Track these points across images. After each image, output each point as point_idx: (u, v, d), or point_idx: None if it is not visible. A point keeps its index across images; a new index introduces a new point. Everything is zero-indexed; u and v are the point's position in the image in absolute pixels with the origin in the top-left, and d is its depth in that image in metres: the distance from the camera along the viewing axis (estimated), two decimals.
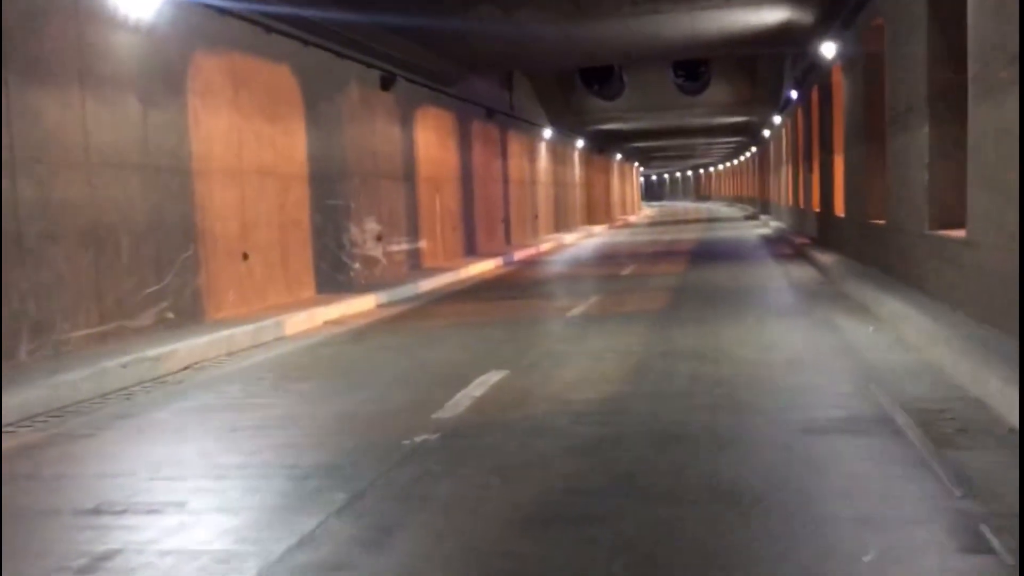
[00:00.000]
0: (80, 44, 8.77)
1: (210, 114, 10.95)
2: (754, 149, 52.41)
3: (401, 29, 14.81)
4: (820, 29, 15.21)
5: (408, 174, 17.90)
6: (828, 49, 15.07)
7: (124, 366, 7.90)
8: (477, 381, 7.17)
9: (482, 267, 19.63)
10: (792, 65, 25.04)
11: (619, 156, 55.21)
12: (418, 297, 14.60)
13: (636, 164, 70.69)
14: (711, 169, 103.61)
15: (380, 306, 13.53)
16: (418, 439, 5.46)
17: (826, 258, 15.60)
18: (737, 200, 75.26)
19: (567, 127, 34.26)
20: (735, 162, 76.99)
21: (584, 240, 31.46)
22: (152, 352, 8.45)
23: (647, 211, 67.65)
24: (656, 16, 15.02)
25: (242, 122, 11.68)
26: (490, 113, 23.97)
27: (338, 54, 14.48)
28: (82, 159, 8.73)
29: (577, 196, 39.61)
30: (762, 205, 46.97)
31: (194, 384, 7.86)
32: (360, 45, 15.04)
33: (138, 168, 9.57)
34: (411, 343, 9.75)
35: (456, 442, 5.43)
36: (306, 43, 13.31)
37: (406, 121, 17.82)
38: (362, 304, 13.17)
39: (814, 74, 19.14)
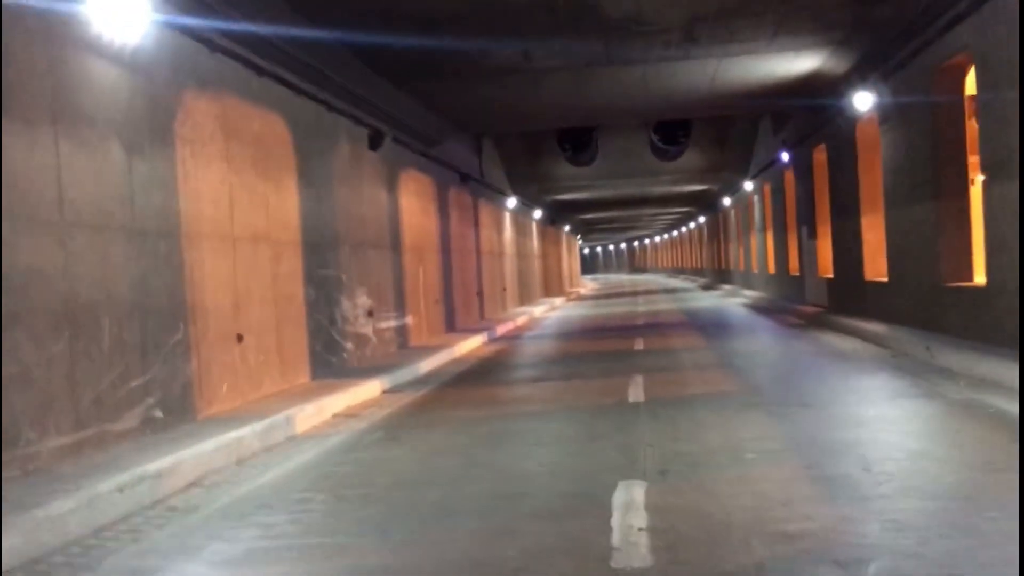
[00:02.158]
0: (53, 73, 6.86)
1: (200, 166, 9.05)
2: (702, 219, 51.88)
3: (396, 72, 13.15)
4: (854, 78, 14.03)
5: (395, 243, 16.08)
6: (862, 101, 13.85)
7: (120, 489, 5.85)
8: (619, 501, 5.33)
9: (471, 344, 17.80)
10: (775, 128, 24.14)
11: (567, 228, 54.19)
12: (424, 381, 12.67)
13: (577, 236, 69.91)
14: (646, 241, 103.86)
15: (386, 392, 11.59)
16: None
17: (866, 326, 14.18)
18: (677, 271, 74.95)
19: (529, 196, 32.90)
20: (674, 233, 76.95)
21: (553, 313, 29.83)
22: (150, 466, 6.40)
23: (590, 284, 66.49)
24: (684, 63, 13.72)
25: (234, 177, 9.79)
26: (464, 179, 22.39)
27: (328, 106, 12.74)
28: (55, 217, 6.75)
29: (536, 268, 38.13)
30: (716, 275, 46.16)
31: (218, 511, 5.83)
32: (350, 95, 13.32)
33: (122, 230, 7.60)
34: (464, 443, 7.84)
35: None
36: (297, 91, 11.55)
37: (392, 185, 16.07)
38: (367, 391, 11.21)
39: (822, 132, 18.03)
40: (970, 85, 11.12)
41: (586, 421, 8.46)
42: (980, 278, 10.87)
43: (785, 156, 21.58)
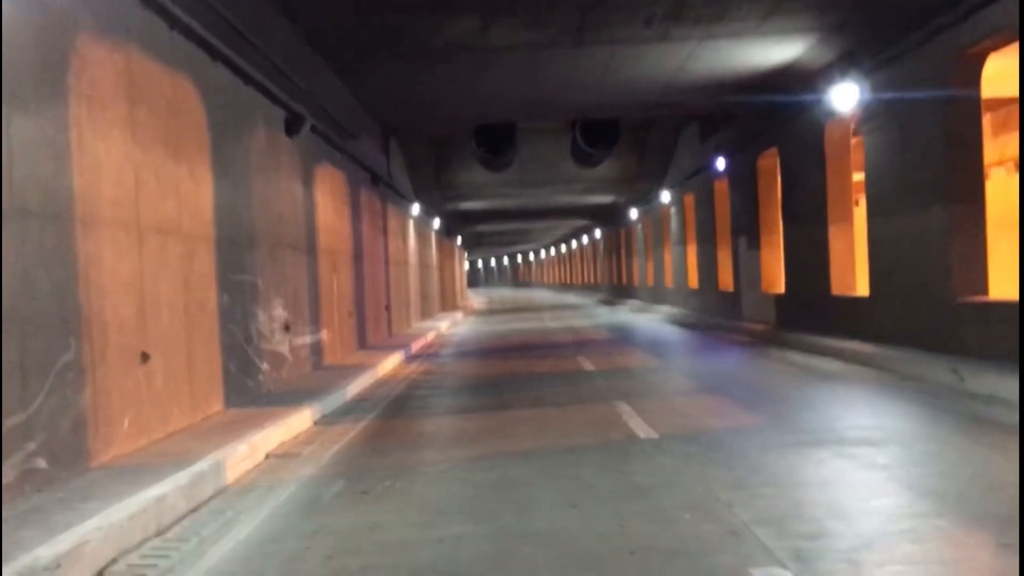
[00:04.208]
0: None
1: (100, 133, 6.88)
2: (598, 233, 51.00)
3: (328, 39, 11.15)
4: (832, 72, 12.80)
5: (310, 246, 13.96)
6: (843, 96, 12.63)
7: None
8: None
9: (390, 363, 15.81)
10: (703, 135, 23.05)
11: (460, 240, 52.41)
12: (356, 409, 10.67)
13: (464, 249, 68.17)
14: (531, 256, 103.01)
15: (319, 424, 9.56)
16: None
17: (840, 345, 12.95)
18: (565, 287, 74.10)
19: (431, 203, 31.00)
20: (563, 248, 76.13)
21: (459, 328, 27.95)
22: (41, 552, 4.30)
23: (479, 299, 64.71)
24: (657, 46, 12.19)
25: (140, 153, 7.63)
26: (375, 180, 20.36)
27: (246, 77, 10.64)
28: None
29: (435, 281, 36.18)
30: (614, 291, 45.23)
31: None
32: (271, 67, 11.23)
33: None
34: (464, 496, 5.96)
35: None
36: (214, 53, 9.45)
37: (307, 179, 13.96)
38: (297, 423, 9.15)
39: (772, 136, 16.88)
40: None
41: (608, 465, 6.69)
42: (1004, 291, 9.68)
43: (720, 163, 20.42)
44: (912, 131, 11.24)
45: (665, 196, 27.91)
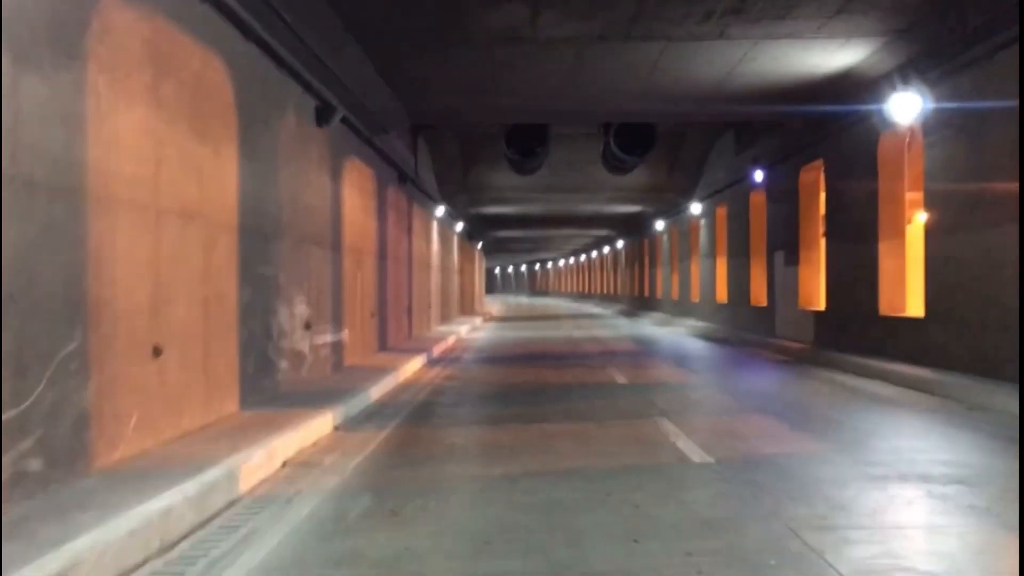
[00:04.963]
0: None
1: (120, 104, 6.28)
2: (621, 244, 50.26)
3: (368, 35, 10.56)
4: (893, 80, 12.08)
5: (336, 242, 13.35)
6: (904, 106, 11.91)
7: None
8: None
9: (412, 367, 15.17)
10: (739, 146, 22.35)
11: (480, 244, 51.78)
12: (379, 414, 10.04)
13: (483, 254, 67.53)
14: (548, 265, 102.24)
15: (339, 430, 8.94)
16: None
17: (891, 367, 12.21)
18: (583, 297, 73.31)
19: (456, 206, 30.39)
20: (582, 258, 75.34)
21: (479, 334, 27.28)
22: (27, 573, 3.67)
23: (496, 305, 64.02)
24: (711, 44, 11.52)
25: (163, 128, 7.03)
26: (402, 178, 19.78)
27: (279, 61, 10.06)
28: None
29: (455, 285, 35.56)
30: (635, 302, 44.47)
31: None
32: (305, 52, 10.64)
33: None
34: (509, 521, 5.30)
35: None
36: (246, 31, 8.86)
37: (336, 173, 13.36)
38: (317, 427, 8.52)
39: (819, 148, 16.16)
40: None
41: (664, 492, 6.00)
42: None
43: (759, 175, 19.70)
44: (982, 144, 10.52)
45: (695, 207, 27.19)
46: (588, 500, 5.78)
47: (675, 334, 25.90)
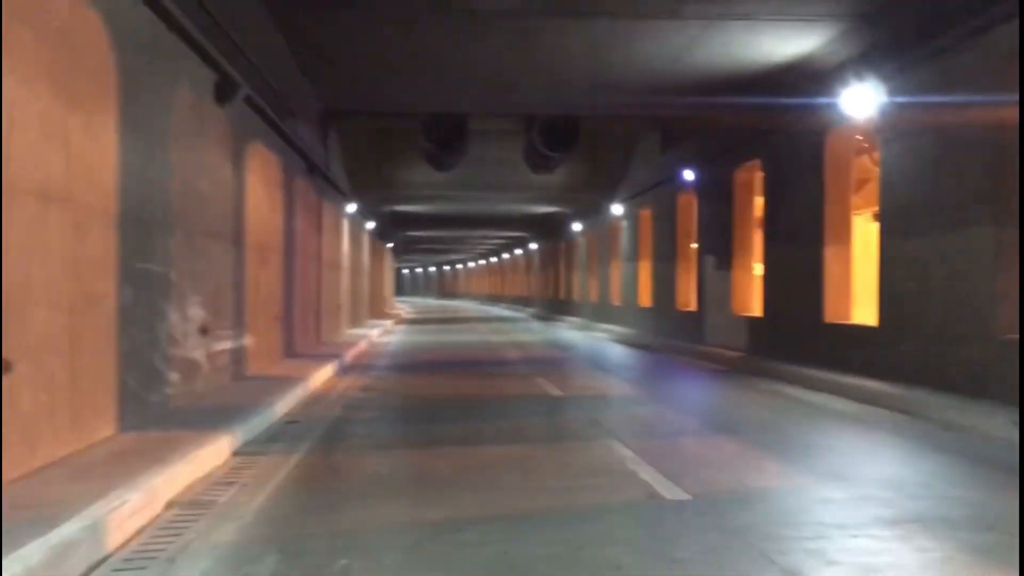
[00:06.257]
0: None
1: None
2: (535, 245, 49.36)
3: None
4: (846, 73, 11.25)
5: (237, 235, 11.89)
6: (859, 100, 11.11)
7: None
8: None
9: (323, 375, 13.81)
10: (664, 145, 21.55)
11: (391, 244, 50.21)
12: (287, 435, 8.70)
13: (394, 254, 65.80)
14: (459, 266, 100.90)
15: (239, 455, 7.57)
16: None
17: (840, 379, 11.43)
18: (495, 299, 72.26)
19: (368, 203, 28.90)
20: (493, 260, 74.28)
21: (391, 338, 25.90)
22: None
23: (406, 308, 62.40)
24: (661, 24, 10.51)
25: (13, 82, 5.58)
26: (311, 169, 18.31)
27: (169, 21, 8.61)
28: None
29: (366, 286, 34.02)
30: (549, 306, 43.59)
31: None
32: (200, 16, 9.21)
33: None
34: None
35: None
36: None
37: (237, 158, 11.90)
38: (212, 454, 7.16)
39: (755, 146, 15.37)
40: None
41: (646, 546, 4.87)
42: None
43: (689, 175, 18.87)
44: (947, 142, 9.76)
45: (616, 209, 26.34)
46: (555, 558, 4.61)
47: (597, 339, 24.99)
